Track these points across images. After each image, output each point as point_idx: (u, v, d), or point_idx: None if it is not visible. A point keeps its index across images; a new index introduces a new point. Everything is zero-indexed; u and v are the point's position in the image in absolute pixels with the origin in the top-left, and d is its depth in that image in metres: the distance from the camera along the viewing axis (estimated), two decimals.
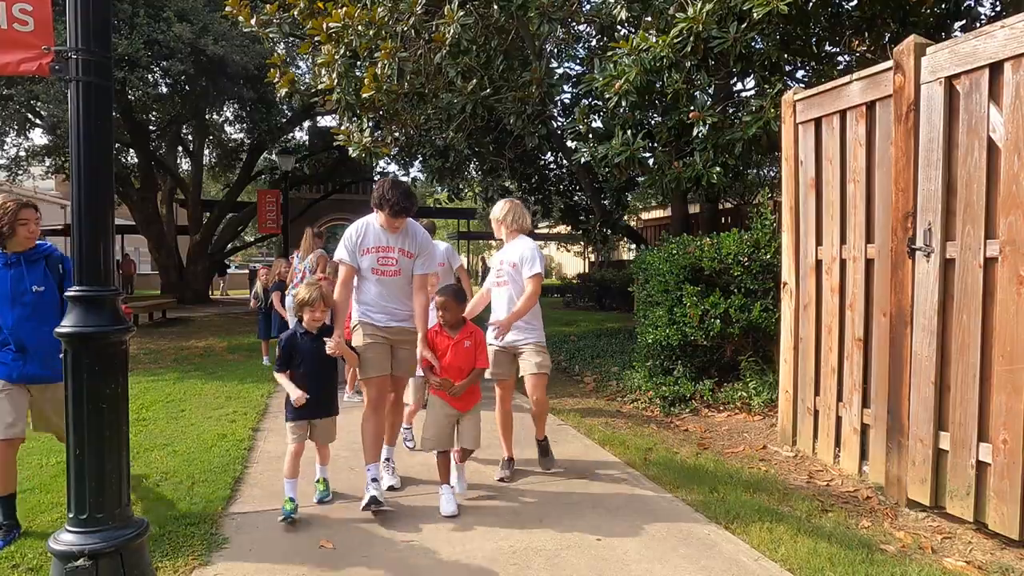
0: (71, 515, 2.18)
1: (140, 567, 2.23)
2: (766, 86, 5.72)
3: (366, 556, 2.94)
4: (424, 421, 3.61)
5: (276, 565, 2.84)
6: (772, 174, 10.28)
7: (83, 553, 2.09)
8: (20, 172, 18.21)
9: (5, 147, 17.04)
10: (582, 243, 24.83)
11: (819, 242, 4.31)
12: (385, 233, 3.62)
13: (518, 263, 3.99)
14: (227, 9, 7.18)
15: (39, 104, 13.33)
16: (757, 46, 5.77)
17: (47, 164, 18.20)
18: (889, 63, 3.61)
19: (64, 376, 2.16)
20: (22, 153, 17.57)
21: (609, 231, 10.20)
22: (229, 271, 27.69)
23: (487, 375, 3.78)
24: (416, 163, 10.71)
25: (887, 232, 3.67)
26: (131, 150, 17.08)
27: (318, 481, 3.63)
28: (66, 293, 2.18)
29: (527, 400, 4.17)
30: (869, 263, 3.89)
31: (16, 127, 15.60)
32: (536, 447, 4.21)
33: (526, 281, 3.94)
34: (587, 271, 23.09)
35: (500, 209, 4.20)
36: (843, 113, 4.05)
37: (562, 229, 22.72)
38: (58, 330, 2.16)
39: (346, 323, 3.77)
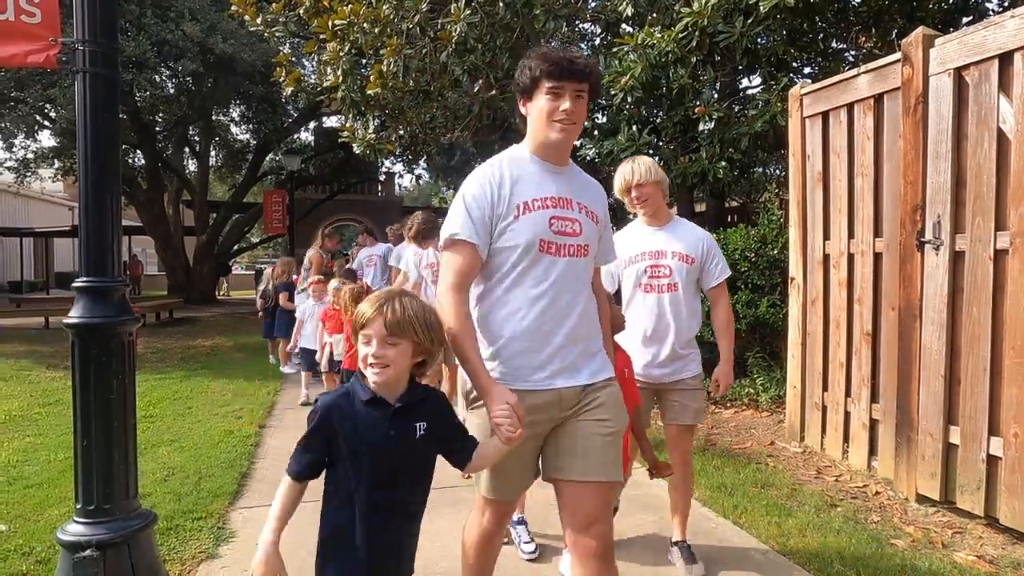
0: (79, 506, 2.18)
1: (148, 559, 2.23)
2: (772, 82, 5.70)
3: None
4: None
5: (284, 559, 2.83)
6: (778, 172, 10.26)
7: (91, 544, 2.09)
8: (28, 174, 18.35)
9: (14, 149, 17.20)
10: None
11: (827, 236, 4.29)
12: (555, 174, 1.88)
13: (696, 257, 2.63)
14: (233, 8, 7.21)
15: (49, 107, 13.43)
16: (763, 42, 5.75)
17: (55, 166, 18.33)
18: (897, 55, 3.59)
19: (72, 366, 2.16)
20: (30, 155, 17.70)
21: (614, 228, 10.16)
22: (233, 272, 27.53)
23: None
24: (421, 162, 10.71)
25: (896, 225, 3.64)
26: (138, 151, 17.18)
27: None
28: (73, 284, 2.18)
29: None
30: (877, 257, 3.86)
31: (25, 129, 15.71)
32: (675, 550, 2.77)
33: (718, 289, 2.72)
34: None
35: (644, 166, 2.62)
36: (850, 106, 4.02)
37: None
38: (65, 321, 2.16)
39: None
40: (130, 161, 17.77)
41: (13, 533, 3.07)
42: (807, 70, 7.51)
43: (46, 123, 15.12)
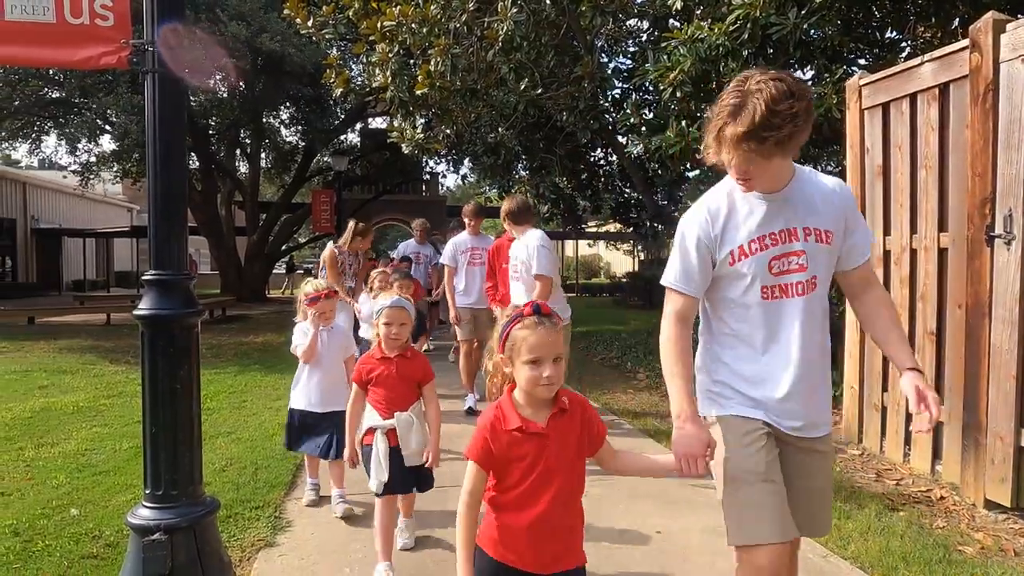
0: (147, 491, 2.26)
1: (212, 543, 2.30)
2: (826, 74, 5.54)
3: (426, 546, 2.96)
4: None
5: (338, 549, 2.89)
6: (830, 168, 10.00)
7: (159, 528, 2.16)
8: (91, 176, 19.18)
9: (77, 153, 17.99)
10: (631, 241, 24.59)
11: (886, 232, 4.15)
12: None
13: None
14: (286, 11, 7.38)
15: (111, 112, 13.99)
16: (816, 33, 5.59)
17: (115, 169, 19.10)
18: (963, 43, 3.45)
19: (140, 356, 2.24)
20: (92, 159, 18.48)
21: (660, 227, 10.06)
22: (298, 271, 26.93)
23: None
24: (466, 161, 10.78)
25: (962, 220, 3.50)
26: (192, 154, 17.75)
27: None
28: (143, 277, 2.26)
29: None
30: (942, 253, 3.72)
31: (87, 134, 16.42)
32: None
33: None
34: (636, 270, 22.84)
35: None
36: (913, 97, 3.88)
37: (611, 228, 22.56)
38: (135, 312, 2.24)
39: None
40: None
41: (84, 518, 3.21)
42: (861, 62, 7.28)
43: (107, 127, 15.75)
